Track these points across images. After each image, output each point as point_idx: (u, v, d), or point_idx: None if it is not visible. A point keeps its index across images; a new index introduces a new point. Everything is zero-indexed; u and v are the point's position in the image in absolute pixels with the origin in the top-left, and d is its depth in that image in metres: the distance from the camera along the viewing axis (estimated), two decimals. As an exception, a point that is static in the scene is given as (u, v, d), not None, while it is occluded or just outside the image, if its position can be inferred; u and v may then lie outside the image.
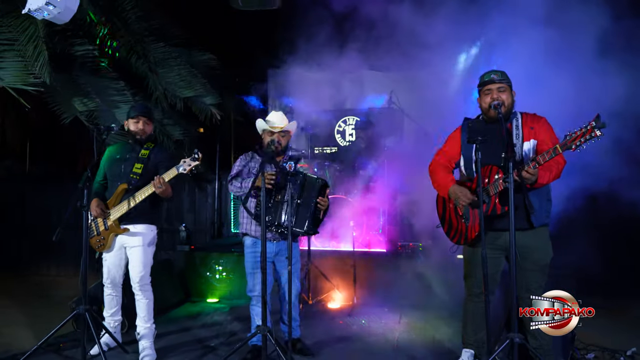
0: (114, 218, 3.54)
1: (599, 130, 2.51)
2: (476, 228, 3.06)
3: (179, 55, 6.62)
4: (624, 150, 4.44)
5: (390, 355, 3.66)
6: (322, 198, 3.41)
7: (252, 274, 3.56)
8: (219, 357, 3.57)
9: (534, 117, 3.11)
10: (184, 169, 3.36)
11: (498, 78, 3.08)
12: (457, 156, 3.26)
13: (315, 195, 3.37)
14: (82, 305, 3.26)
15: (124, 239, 3.60)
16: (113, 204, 3.58)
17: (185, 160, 3.38)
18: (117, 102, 5.51)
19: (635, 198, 5.30)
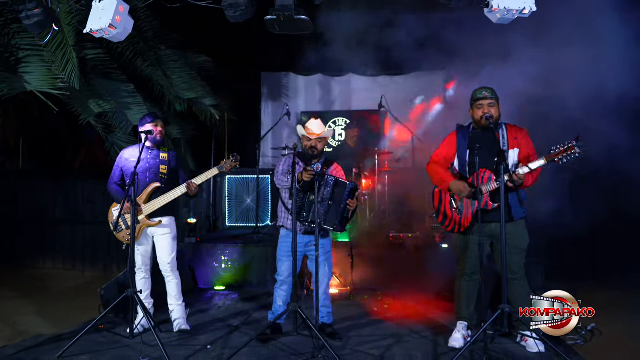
0: (146, 213, 3.98)
1: (578, 149, 3.12)
2: (469, 219, 3.65)
3: (178, 58, 6.99)
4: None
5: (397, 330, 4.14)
6: (352, 200, 3.82)
7: (283, 260, 4.00)
8: (246, 334, 4.04)
9: (517, 129, 3.73)
10: (225, 169, 3.93)
11: (489, 95, 3.67)
12: (452, 158, 3.84)
13: (346, 197, 3.79)
14: (131, 289, 3.66)
15: (152, 229, 4.08)
16: (144, 200, 4.01)
17: (226, 160, 3.95)
18: (129, 104, 5.88)
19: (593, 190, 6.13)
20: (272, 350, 3.61)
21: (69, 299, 6.56)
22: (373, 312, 4.76)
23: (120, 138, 6.24)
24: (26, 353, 3.57)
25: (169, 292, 4.14)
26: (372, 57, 7.63)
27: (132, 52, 6.43)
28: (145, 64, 6.49)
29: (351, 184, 3.86)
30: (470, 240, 3.69)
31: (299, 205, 3.79)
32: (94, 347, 3.65)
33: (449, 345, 3.68)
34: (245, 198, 7.67)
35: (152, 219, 4.03)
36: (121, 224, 4.08)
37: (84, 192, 8.37)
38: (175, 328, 4.06)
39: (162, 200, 4.01)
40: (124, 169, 4.14)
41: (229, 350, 3.59)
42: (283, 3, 3.04)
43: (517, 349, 3.60)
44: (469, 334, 3.75)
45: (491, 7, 2.89)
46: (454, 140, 3.85)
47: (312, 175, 3.68)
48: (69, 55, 4.65)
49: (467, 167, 3.72)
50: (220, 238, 6.55)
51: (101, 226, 8.29)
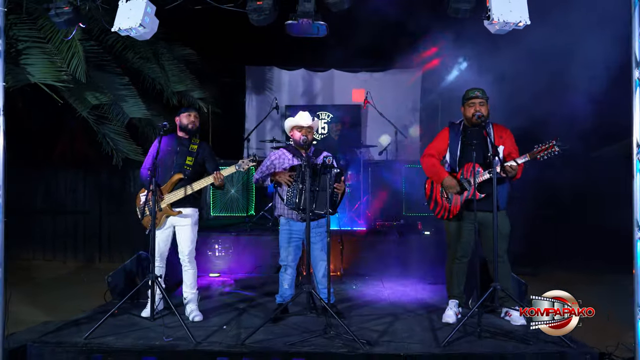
0: (169, 202, 4.16)
1: (558, 148, 3.57)
2: (458, 207, 4.07)
3: (166, 50, 7.11)
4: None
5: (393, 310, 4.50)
6: (338, 184, 4.11)
7: (285, 247, 4.29)
8: (254, 315, 4.34)
9: (502, 128, 4.16)
10: (242, 168, 4.09)
11: (480, 95, 4.08)
12: (444, 152, 4.23)
13: (332, 182, 4.06)
14: (151, 274, 3.87)
15: (174, 219, 4.23)
16: (168, 190, 4.18)
17: (244, 160, 4.10)
18: (124, 96, 5.99)
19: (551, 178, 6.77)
20: (285, 329, 3.91)
21: (55, 289, 6.65)
22: (366, 295, 5.13)
23: (111, 129, 6.35)
24: (52, 336, 3.73)
25: (184, 281, 4.30)
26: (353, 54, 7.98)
27: (123, 44, 6.51)
28: (135, 57, 6.59)
29: (335, 169, 4.09)
30: (462, 226, 4.10)
31: (292, 194, 4.07)
32: (116, 330, 3.84)
33: (442, 321, 4.09)
34: (229, 188, 7.89)
35: (174, 208, 4.17)
36: (146, 209, 4.14)
37: (65, 182, 8.37)
38: (189, 317, 4.20)
39: (185, 190, 4.13)
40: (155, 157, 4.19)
41: (244, 330, 3.87)
42: (304, 9, 3.31)
43: (502, 322, 4.05)
44: (459, 311, 4.19)
45: (492, 20, 3.27)
46: (446, 135, 4.25)
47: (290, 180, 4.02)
48: (74, 48, 4.76)
49: (457, 160, 4.12)
50: (213, 227, 6.77)
51: (83, 216, 8.35)
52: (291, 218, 4.24)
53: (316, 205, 4.04)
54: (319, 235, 4.22)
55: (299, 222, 4.23)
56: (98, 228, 8.33)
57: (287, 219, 4.28)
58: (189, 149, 4.26)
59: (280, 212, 4.31)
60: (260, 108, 8.36)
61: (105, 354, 3.48)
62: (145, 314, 4.22)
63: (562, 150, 3.59)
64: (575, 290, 3.33)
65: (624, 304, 5.48)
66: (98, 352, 3.49)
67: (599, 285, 6.40)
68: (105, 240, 8.33)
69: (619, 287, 6.50)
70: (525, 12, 3.32)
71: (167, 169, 4.20)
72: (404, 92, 8.29)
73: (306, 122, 4.27)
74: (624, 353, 3.82)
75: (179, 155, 4.24)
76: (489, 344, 3.55)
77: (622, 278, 6.71)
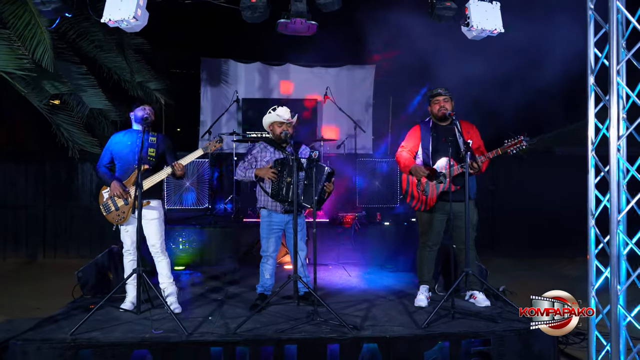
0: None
1: (526, 143, 3.95)
2: (434, 199, 4.37)
3: (117, 39, 6.89)
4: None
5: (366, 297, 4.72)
6: (328, 184, 4.27)
7: (266, 238, 4.39)
8: (235, 305, 4.42)
9: (468, 124, 4.50)
10: (210, 150, 4.16)
11: (443, 92, 4.40)
12: (417, 148, 4.52)
13: (323, 180, 4.21)
14: (139, 267, 3.85)
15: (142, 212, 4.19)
16: (132, 183, 4.14)
17: (210, 142, 4.17)
18: (83, 86, 5.78)
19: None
20: (270, 318, 4.04)
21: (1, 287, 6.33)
22: (336, 283, 5.35)
23: (64, 119, 6.10)
24: (34, 333, 3.62)
25: (159, 272, 4.33)
26: (309, 49, 8.12)
27: (76, 32, 6.26)
28: (91, 45, 6.35)
29: (328, 168, 4.28)
30: (435, 217, 4.41)
31: (277, 187, 4.21)
32: (99, 325, 3.78)
33: (415, 305, 4.39)
34: (184, 181, 7.80)
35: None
36: (110, 205, 4.18)
37: (4, 175, 7.89)
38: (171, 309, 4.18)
39: (149, 181, 4.12)
40: (114, 152, 4.25)
41: (230, 320, 3.95)
42: (298, 9, 3.43)
43: (468, 304, 4.41)
44: (430, 295, 4.51)
45: (470, 27, 3.57)
46: (417, 132, 4.54)
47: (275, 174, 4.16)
48: (39, 35, 4.55)
49: (430, 155, 4.42)
50: (176, 219, 6.69)
51: (24, 210, 7.92)
52: (274, 210, 4.36)
53: (304, 198, 4.18)
54: (299, 226, 4.35)
55: (280, 214, 4.35)
56: (42, 222, 7.94)
57: (269, 211, 4.39)
58: (149, 141, 4.24)
59: (263, 204, 4.41)
60: (215, 101, 8.30)
61: (95, 348, 3.45)
62: (126, 306, 4.19)
63: (529, 145, 3.97)
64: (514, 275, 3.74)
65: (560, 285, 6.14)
66: (87, 347, 3.45)
67: (532, 269, 7.10)
68: (49, 235, 7.96)
69: (551, 269, 7.27)
70: (500, 21, 3.65)
71: (129, 162, 4.19)
72: (358, 88, 8.57)
73: (286, 116, 4.39)
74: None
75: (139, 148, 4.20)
76: (463, 323, 3.89)
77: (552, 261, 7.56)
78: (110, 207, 4.20)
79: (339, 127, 8.23)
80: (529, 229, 8.19)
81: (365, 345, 3.60)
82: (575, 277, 6.25)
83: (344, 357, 3.57)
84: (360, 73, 8.59)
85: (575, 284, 4.10)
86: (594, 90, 3.70)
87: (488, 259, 7.68)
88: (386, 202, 7.62)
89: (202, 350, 3.51)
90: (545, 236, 8.03)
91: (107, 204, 4.19)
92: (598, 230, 3.65)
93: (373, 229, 6.48)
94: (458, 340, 3.67)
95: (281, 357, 3.55)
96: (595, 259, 3.66)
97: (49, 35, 4.56)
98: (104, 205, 4.20)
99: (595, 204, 3.68)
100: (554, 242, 7.84)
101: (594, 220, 3.65)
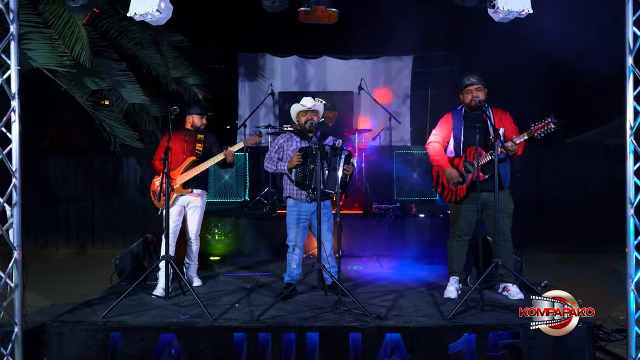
0: (181, 182, 4.42)
1: (553, 124, 3.76)
2: (464, 189, 4.25)
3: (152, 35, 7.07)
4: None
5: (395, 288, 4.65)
6: (348, 166, 4.24)
7: (292, 228, 4.41)
8: (263, 294, 4.46)
9: (502, 111, 4.34)
10: (250, 143, 4.38)
11: (476, 81, 4.25)
12: (449, 137, 4.40)
13: (342, 163, 4.18)
14: (167, 254, 3.99)
15: (186, 200, 4.50)
16: (180, 171, 4.43)
17: (250, 135, 4.38)
18: (122, 82, 6.00)
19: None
20: (295, 306, 4.06)
21: (51, 275, 6.66)
22: (367, 274, 5.30)
23: (107, 115, 6.35)
24: (69, 315, 3.80)
25: (187, 253, 4.70)
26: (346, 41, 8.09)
27: (117, 30, 6.49)
28: (131, 43, 6.57)
29: (345, 151, 4.25)
30: (467, 207, 4.29)
31: (302, 175, 4.20)
32: (130, 309, 3.93)
33: (444, 297, 4.28)
34: (223, 175, 7.97)
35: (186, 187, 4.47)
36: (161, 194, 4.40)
37: (56, 169, 8.31)
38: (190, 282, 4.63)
39: (197, 168, 4.42)
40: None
41: (255, 308, 4.00)
42: (318, -3, 3.42)
43: (501, 297, 4.27)
44: (460, 287, 4.39)
45: (496, 8, 3.43)
46: (449, 121, 4.41)
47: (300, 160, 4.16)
48: (77, 33, 4.76)
49: (461, 145, 4.30)
50: (211, 211, 6.83)
51: (75, 203, 8.32)
52: (300, 199, 4.37)
53: (326, 186, 4.16)
54: (326, 216, 4.34)
55: (307, 203, 4.36)
56: (91, 215, 8.32)
57: (295, 200, 4.41)
58: (197, 138, 4.56)
59: (289, 193, 4.44)
60: (253, 95, 8.41)
61: (124, 331, 3.58)
62: (158, 293, 4.33)
63: (557, 126, 3.78)
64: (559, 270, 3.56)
65: (608, 281, 5.86)
66: (117, 330, 3.58)
67: (580, 265, 6.77)
68: (98, 227, 8.32)
69: (601, 265, 6.91)
70: (528, 1, 3.49)
71: (178, 155, 4.45)
72: (395, 79, 8.45)
73: (309, 105, 4.39)
74: (611, 325, 4.21)
75: (188, 144, 4.52)
76: (492, 315, 3.76)
77: (602, 256, 7.17)
78: (160, 196, 4.44)
79: (375, 119, 8.13)
80: (577, 222, 7.81)
81: (388, 335, 3.55)
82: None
83: (367, 346, 3.54)
84: (397, 64, 8.47)
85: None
86: (632, 72, 3.48)
87: (533, 253, 7.44)
88: (425, 194, 7.50)
89: (226, 336, 3.57)
90: (595, 229, 7.62)
91: (157, 191, 4.47)
92: (638, 220, 3.44)
93: (408, 221, 6.36)
94: (485, 333, 3.56)
95: (303, 345, 3.55)
96: (634, 251, 3.46)
97: (86, 32, 4.76)
98: (154, 192, 4.50)
99: (634, 191, 3.47)
100: (605, 235, 7.43)
101: (633, 210, 3.44)
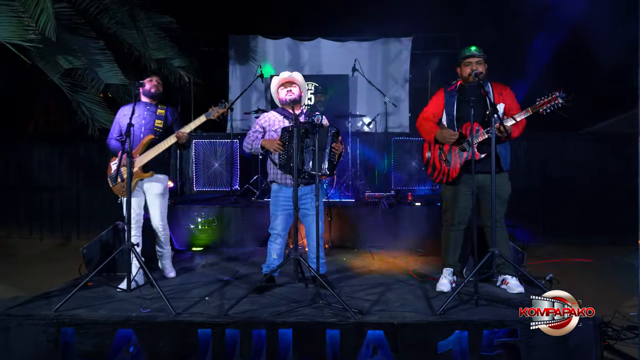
0: (141, 164, 4.02)
1: (561, 99, 3.35)
2: (457, 169, 3.85)
3: (145, 17, 6.74)
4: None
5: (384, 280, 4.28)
6: (336, 144, 3.86)
7: (275, 214, 4.04)
8: (239, 287, 4.09)
9: (501, 86, 3.92)
10: (212, 115, 3.97)
11: (477, 53, 3.83)
12: (440, 114, 4.00)
13: (329, 141, 3.82)
14: (128, 242, 3.63)
15: (146, 185, 4.13)
16: (139, 153, 4.02)
17: (213, 108, 3.97)
18: (99, 61, 5.65)
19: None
20: (271, 299, 3.70)
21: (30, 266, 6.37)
22: (356, 266, 4.92)
23: (86, 97, 6.00)
24: (19, 309, 3.46)
25: (157, 241, 4.31)
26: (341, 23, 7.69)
27: (97, 8, 6.14)
28: (111, 22, 6.21)
29: (332, 128, 3.88)
30: (460, 190, 3.88)
31: (286, 158, 3.81)
32: (89, 302, 3.60)
33: (437, 290, 3.90)
34: (212, 162, 7.62)
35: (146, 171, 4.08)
36: (117, 176, 4.06)
37: (40, 157, 8.00)
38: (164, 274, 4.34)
39: (154, 151, 4.03)
40: (121, 124, 4.16)
41: (227, 301, 3.64)
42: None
43: (499, 291, 3.87)
44: (454, 279, 4.00)
45: None
46: (441, 97, 4.01)
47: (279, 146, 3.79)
48: (42, 4, 4.41)
49: (455, 121, 3.89)
50: (196, 200, 6.51)
51: (59, 192, 8.00)
52: (284, 184, 4.00)
53: (312, 166, 3.74)
54: (313, 201, 3.94)
55: (292, 188, 3.97)
56: (76, 204, 8.00)
57: (279, 185, 4.04)
58: (156, 113, 4.18)
59: (273, 177, 4.07)
60: (244, 78, 8.03)
61: (77, 326, 3.24)
62: (124, 286, 3.98)
63: (565, 102, 3.37)
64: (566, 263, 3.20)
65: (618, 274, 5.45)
66: (69, 325, 3.24)
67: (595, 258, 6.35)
68: (83, 217, 8.01)
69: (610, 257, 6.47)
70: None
71: (136, 133, 4.06)
72: (394, 62, 8.02)
73: (284, 76, 4.03)
74: (621, 322, 3.83)
75: (147, 120, 4.14)
76: (487, 311, 3.38)
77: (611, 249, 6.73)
78: (116, 179, 4.08)
79: (371, 104, 7.71)
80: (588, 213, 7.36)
81: (370, 332, 3.18)
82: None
83: (346, 344, 3.17)
84: (395, 46, 8.03)
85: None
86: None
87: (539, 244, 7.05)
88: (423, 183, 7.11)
89: (189, 332, 3.22)
90: (607, 221, 7.17)
91: (113, 175, 4.10)
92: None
93: (403, 209, 5.95)
94: (479, 330, 3.17)
95: (275, 342, 3.19)
96: (646, 244, 3.06)
97: (51, 3, 4.40)
98: (111, 177, 4.14)
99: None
100: (614, 228, 7.01)
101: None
